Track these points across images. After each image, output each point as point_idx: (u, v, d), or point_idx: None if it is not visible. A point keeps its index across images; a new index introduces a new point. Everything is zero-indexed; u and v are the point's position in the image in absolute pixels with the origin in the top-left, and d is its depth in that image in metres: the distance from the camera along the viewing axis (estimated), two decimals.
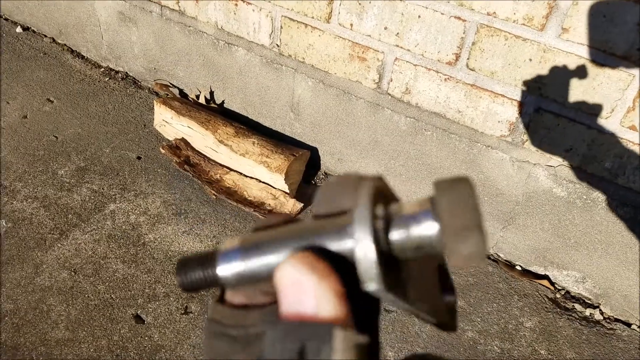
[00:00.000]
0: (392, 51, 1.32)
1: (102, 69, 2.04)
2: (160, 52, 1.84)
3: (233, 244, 0.24)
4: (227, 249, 0.24)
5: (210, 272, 0.24)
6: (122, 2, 1.80)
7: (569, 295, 1.39)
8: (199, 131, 1.61)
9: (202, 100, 1.81)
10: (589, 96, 1.12)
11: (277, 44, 1.52)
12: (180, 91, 1.90)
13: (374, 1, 1.27)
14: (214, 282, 0.25)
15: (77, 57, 2.09)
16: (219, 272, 0.24)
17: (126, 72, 2.02)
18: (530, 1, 1.08)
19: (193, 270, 0.25)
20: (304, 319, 0.20)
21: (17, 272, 1.30)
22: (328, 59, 1.44)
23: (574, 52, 1.09)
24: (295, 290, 0.20)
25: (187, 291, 0.26)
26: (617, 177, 1.18)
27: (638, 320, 1.32)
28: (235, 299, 0.25)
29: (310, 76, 1.51)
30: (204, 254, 0.25)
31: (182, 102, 1.72)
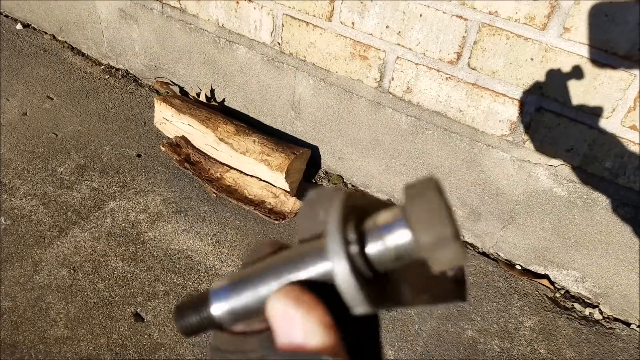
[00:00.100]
0: (393, 50, 1.32)
1: (103, 67, 2.03)
2: (161, 50, 1.84)
3: (223, 282, 0.25)
4: (217, 288, 0.25)
5: (205, 313, 0.25)
6: None
7: (569, 295, 1.39)
8: (199, 129, 1.60)
9: (202, 98, 1.80)
10: (590, 96, 1.12)
11: (278, 42, 1.52)
12: (181, 89, 1.90)
13: (375, 0, 1.27)
14: (211, 323, 0.25)
15: (78, 54, 2.08)
16: (213, 312, 0.25)
17: (127, 70, 2.01)
18: (532, 0, 1.08)
19: (189, 314, 0.26)
20: (296, 349, 0.21)
21: (16, 269, 1.30)
22: (329, 57, 1.44)
23: (575, 52, 1.09)
24: (285, 323, 0.22)
25: (189, 336, 0.26)
26: (618, 177, 1.18)
27: (637, 320, 1.32)
28: (235, 327, 0.26)
29: (311, 74, 1.51)
30: (197, 296, 0.26)
31: (183, 100, 1.72)
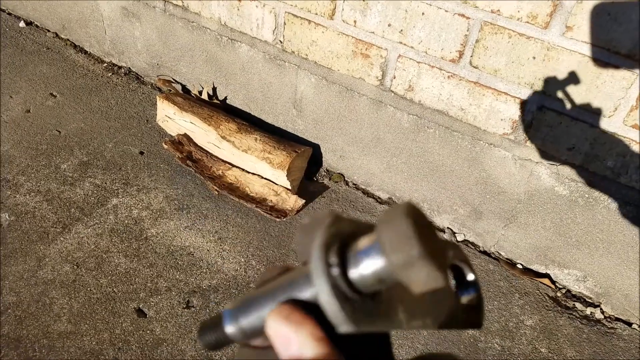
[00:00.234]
0: (395, 48, 1.32)
1: (105, 64, 2.04)
2: (163, 48, 1.84)
3: (234, 304, 0.28)
4: (229, 309, 0.28)
5: (220, 332, 0.28)
6: None
7: (570, 294, 1.39)
8: (201, 127, 1.61)
9: (204, 96, 1.81)
10: (592, 95, 1.12)
11: (280, 40, 1.52)
12: (183, 87, 1.90)
13: None
14: (226, 340, 0.29)
15: (80, 52, 2.09)
16: (227, 331, 0.28)
17: (129, 68, 2.02)
18: None
19: (208, 332, 0.29)
20: None
21: (19, 265, 1.30)
22: (331, 55, 1.44)
23: (577, 51, 1.09)
24: (280, 340, 0.24)
25: (212, 350, 0.33)
26: (620, 176, 1.18)
27: (638, 320, 1.32)
28: (256, 342, 0.28)
29: (313, 73, 1.51)
30: (214, 317, 0.29)
31: (185, 98, 1.72)
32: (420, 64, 1.31)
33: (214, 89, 1.81)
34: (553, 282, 1.41)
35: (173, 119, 1.68)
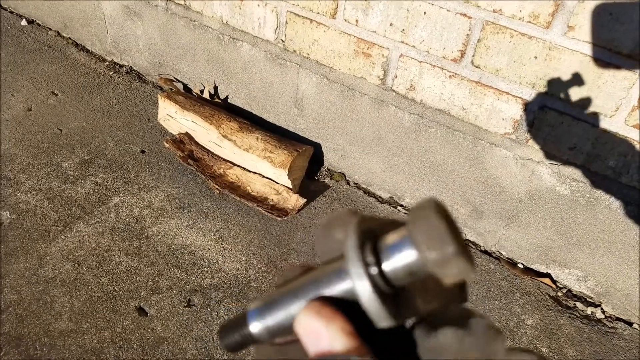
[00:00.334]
0: (397, 47, 1.32)
1: (107, 63, 2.04)
2: (165, 47, 1.84)
3: (258, 303, 0.28)
4: (253, 309, 0.28)
5: (245, 331, 0.28)
6: None
7: (571, 294, 1.39)
8: (202, 126, 1.61)
9: (206, 95, 1.81)
10: (593, 94, 1.12)
11: (282, 40, 1.52)
12: (185, 86, 1.91)
13: None
14: (251, 339, 0.28)
15: (82, 50, 2.09)
16: (252, 330, 0.28)
17: (130, 66, 2.02)
18: None
19: (231, 333, 0.29)
20: (325, 354, 0.24)
21: (21, 263, 1.31)
22: (333, 54, 1.44)
23: (579, 50, 1.09)
24: (311, 335, 0.24)
25: (232, 352, 0.30)
26: (621, 176, 1.18)
27: (639, 319, 1.32)
28: (277, 340, 0.29)
29: (314, 72, 1.51)
30: (237, 317, 0.29)
31: (186, 97, 1.72)
32: (422, 64, 1.31)
33: (216, 88, 1.81)
34: (554, 281, 1.41)
35: (174, 118, 1.68)
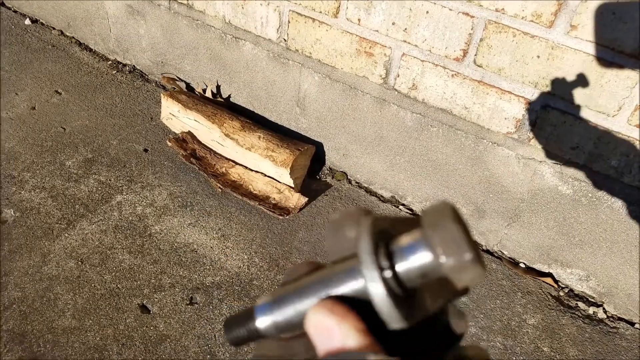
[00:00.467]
0: (399, 47, 1.32)
1: (110, 62, 2.05)
2: (168, 46, 1.85)
3: (267, 299, 0.28)
4: (261, 304, 0.28)
5: (252, 326, 0.28)
6: None
7: (573, 293, 1.39)
8: (205, 125, 1.62)
9: (208, 94, 1.81)
10: (596, 94, 1.12)
11: (284, 39, 1.53)
12: (187, 85, 1.91)
13: None
14: (257, 334, 0.28)
15: (85, 49, 2.10)
16: (259, 325, 0.28)
17: (133, 65, 2.03)
18: None
19: (237, 327, 0.29)
20: (338, 351, 0.24)
21: (24, 260, 1.31)
22: (335, 54, 1.45)
23: (582, 50, 1.09)
24: (322, 332, 0.24)
25: (237, 346, 0.30)
26: (623, 176, 1.18)
27: None
28: (283, 336, 0.29)
29: (316, 71, 1.51)
30: (243, 311, 0.29)
31: (189, 96, 1.73)
32: (424, 63, 1.31)
33: (218, 87, 1.82)
34: (556, 281, 1.41)
35: (177, 117, 1.68)
